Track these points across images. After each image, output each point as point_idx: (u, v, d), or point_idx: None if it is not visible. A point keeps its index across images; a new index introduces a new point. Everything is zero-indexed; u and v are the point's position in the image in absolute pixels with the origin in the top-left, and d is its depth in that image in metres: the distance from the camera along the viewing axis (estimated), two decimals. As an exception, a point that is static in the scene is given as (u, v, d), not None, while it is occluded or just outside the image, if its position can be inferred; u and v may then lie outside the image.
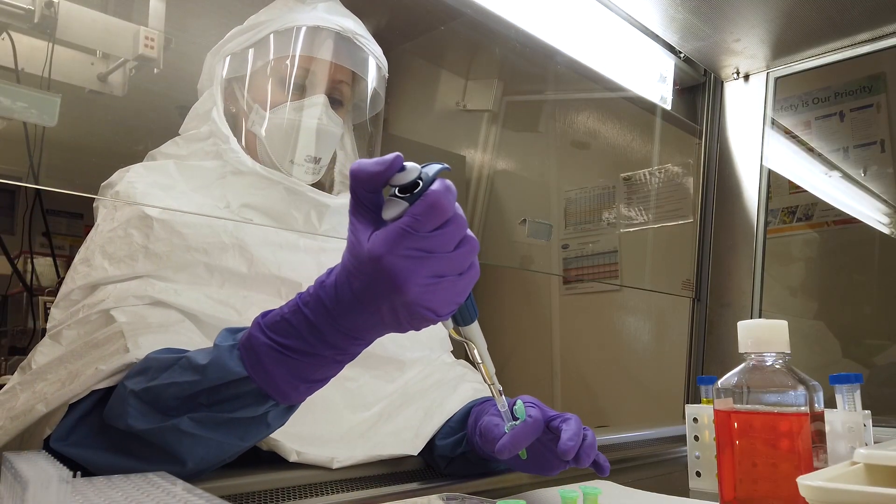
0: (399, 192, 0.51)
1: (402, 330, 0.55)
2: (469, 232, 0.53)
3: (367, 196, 0.51)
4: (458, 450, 0.79)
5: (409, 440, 0.79)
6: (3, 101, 0.71)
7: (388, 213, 0.51)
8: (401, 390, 0.88)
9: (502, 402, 0.66)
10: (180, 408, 0.58)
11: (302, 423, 0.77)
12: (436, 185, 0.50)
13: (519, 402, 0.69)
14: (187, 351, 0.62)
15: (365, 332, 0.55)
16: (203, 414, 0.58)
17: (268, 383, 0.56)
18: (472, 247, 0.53)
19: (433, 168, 0.52)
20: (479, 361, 0.63)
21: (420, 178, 0.50)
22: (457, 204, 0.52)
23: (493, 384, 0.64)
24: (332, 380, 0.83)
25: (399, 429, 0.82)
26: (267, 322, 0.57)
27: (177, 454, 0.58)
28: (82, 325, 0.73)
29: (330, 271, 0.55)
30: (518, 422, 0.66)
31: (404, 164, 0.51)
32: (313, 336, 0.55)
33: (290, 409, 0.61)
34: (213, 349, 0.59)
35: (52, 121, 0.76)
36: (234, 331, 0.61)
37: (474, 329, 0.61)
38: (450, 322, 0.59)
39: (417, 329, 0.55)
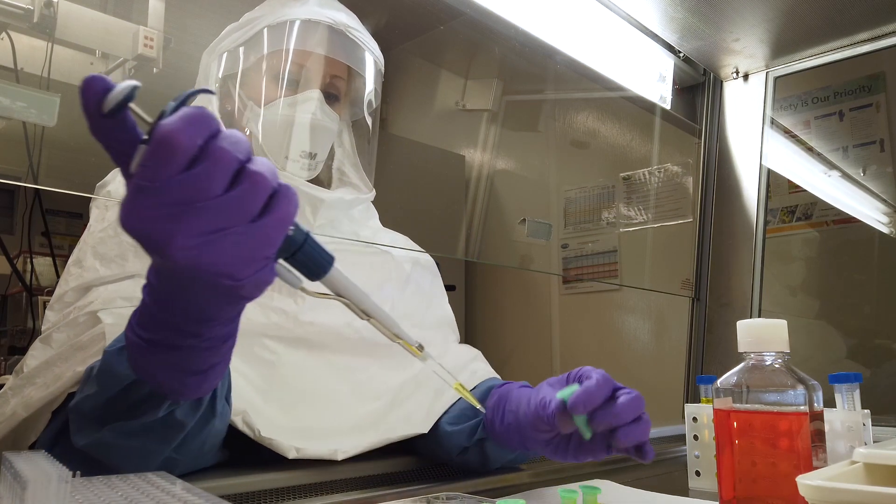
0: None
1: (236, 299, 0.45)
2: (253, 167, 0.41)
3: (115, 148, 0.41)
4: (475, 437, 0.77)
5: (420, 420, 0.78)
6: (2, 101, 0.71)
7: (133, 165, 0.40)
8: (412, 380, 0.86)
9: (419, 355, 0.55)
10: (101, 419, 0.55)
11: (305, 416, 0.77)
12: (169, 119, 0.39)
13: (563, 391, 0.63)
14: None
15: (200, 311, 0.46)
16: (118, 423, 0.54)
17: (153, 382, 0.52)
18: (252, 183, 0.41)
19: (183, 96, 0.41)
20: (367, 316, 0.51)
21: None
22: (223, 136, 0.41)
23: (399, 339, 0.53)
24: (339, 371, 0.84)
25: (409, 412, 0.80)
26: (133, 316, 0.51)
27: (116, 468, 0.55)
28: (71, 327, 0.72)
29: None
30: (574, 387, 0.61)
31: (118, 84, 0.39)
32: (160, 325, 0.48)
33: (199, 402, 0.56)
34: (103, 355, 0.55)
35: (52, 121, 0.76)
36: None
37: (338, 279, 0.49)
38: (298, 279, 0.47)
39: (252, 296, 0.45)
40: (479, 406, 0.61)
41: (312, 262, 0.46)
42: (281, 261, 0.46)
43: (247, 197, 0.41)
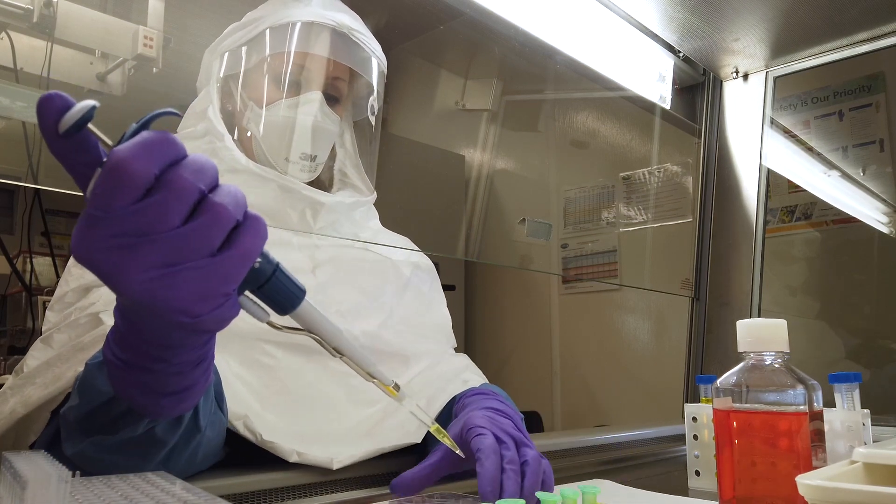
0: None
1: (198, 333, 0.43)
2: (215, 198, 0.39)
3: (74, 169, 0.39)
4: None
5: (413, 430, 0.78)
6: (2, 101, 0.71)
7: (87, 190, 0.38)
8: (405, 387, 0.86)
9: (395, 395, 0.54)
10: (84, 431, 0.54)
11: (303, 421, 0.77)
12: (124, 144, 0.37)
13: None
14: None
15: (161, 340, 0.44)
16: (99, 437, 0.53)
17: (129, 399, 0.49)
18: (213, 216, 0.38)
19: (145, 118, 0.39)
20: (340, 353, 0.49)
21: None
22: (185, 164, 0.38)
23: (372, 379, 0.51)
24: (336, 376, 0.83)
25: (403, 420, 0.80)
26: (109, 333, 0.49)
27: None
28: (72, 328, 0.72)
29: None
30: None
31: (78, 102, 0.37)
32: (130, 347, 0.47)
33: (180, 419, 0.55)
34: (84, 367, 0.55)
35: (51, 120, 0.76)
36: None
37: (310, 314, 0.46)
38: (266, 312, 0.45)
39: (214, 330, 0.42)
40: (457, 450, 0.60)
41: (281, 295, 0.44)
42: (248, 293, 0.44)
43: (205, 230, 0.38)
